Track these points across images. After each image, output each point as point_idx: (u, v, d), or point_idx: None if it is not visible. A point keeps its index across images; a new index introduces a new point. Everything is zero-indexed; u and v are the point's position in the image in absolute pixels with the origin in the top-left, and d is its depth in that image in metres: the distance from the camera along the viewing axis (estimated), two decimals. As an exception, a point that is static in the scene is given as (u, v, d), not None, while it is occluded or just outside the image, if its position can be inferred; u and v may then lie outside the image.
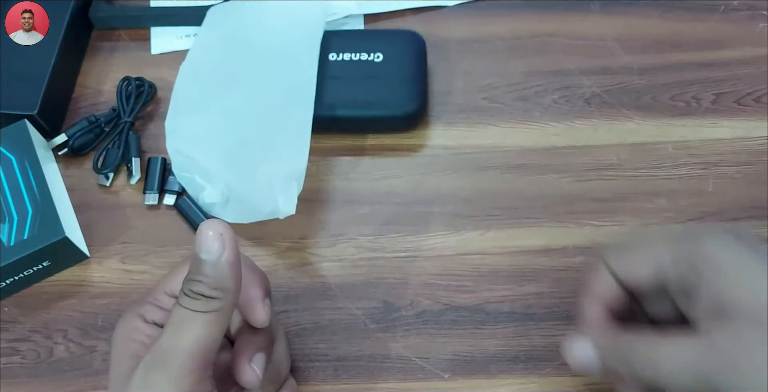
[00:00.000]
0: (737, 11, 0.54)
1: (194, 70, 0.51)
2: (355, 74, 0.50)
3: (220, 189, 0.47)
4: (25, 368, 0.45)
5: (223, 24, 0.52)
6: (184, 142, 0.48)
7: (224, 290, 0.33)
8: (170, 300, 0.37)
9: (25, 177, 0.46)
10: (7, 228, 0.44)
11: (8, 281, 0.45)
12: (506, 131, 0.50)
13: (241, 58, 0.51)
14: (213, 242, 0.32)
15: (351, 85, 0.49)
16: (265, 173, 0.46)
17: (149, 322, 0.37)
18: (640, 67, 0.52)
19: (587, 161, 0.49)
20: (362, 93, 0.49)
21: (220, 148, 0.48)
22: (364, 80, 0.49)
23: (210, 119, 0.49)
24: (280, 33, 0.51)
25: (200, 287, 0.32)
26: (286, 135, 0.47)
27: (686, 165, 0.49)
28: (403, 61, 0.50)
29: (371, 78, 0.49)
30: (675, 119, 0.50)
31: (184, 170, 0.48)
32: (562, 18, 0.54)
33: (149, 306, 0.38)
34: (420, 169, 0.49)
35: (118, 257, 0.47)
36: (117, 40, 0.55)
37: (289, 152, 0.47)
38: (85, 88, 0.53)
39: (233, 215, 0.47)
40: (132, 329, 0.37)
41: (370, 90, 0.49)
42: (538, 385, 0.43)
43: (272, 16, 0.52)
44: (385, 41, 0.51)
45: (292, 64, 0.50)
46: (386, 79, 0.49)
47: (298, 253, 0.47)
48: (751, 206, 0.47)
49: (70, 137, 0.50)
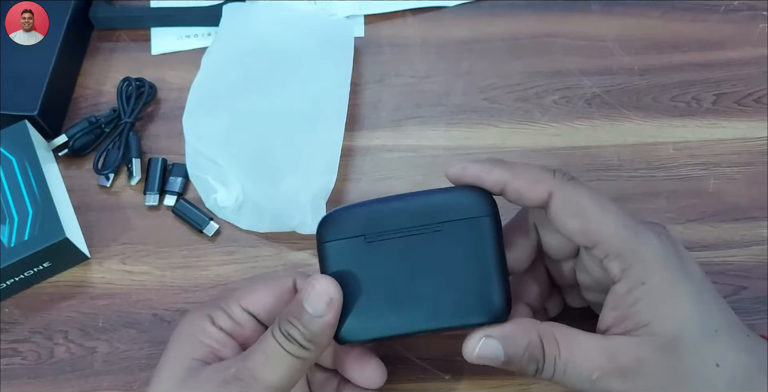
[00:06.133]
0: (737, 12, 0.54)
1: (216, 68, 0.51)
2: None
3: (234, 194, 0.47)
4: (26, 369, 0.45)
5: (246, 25, 0.52)
6: (202, 141, 0.48)
7: (316, 345, 0.35)
8: (242, 313, 0.38)
9: (25, 178, 0.46)
10: (7, 229, 0.44)
11: (9, 282, 0.45)
12: (506, 132, 0.50)
13: (266, 63, 0.51)
14: (320, 302, 0.34)
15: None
16: (290, 185, 0.47)
17: (218, 327, 0.38)
18: (641, 68, 0.52)
19: (588, 161, 0.49)
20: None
21: (240, 152, 0.48)
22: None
23: (231, 120, 0.49)
24: (308, 46, 0.51)
25: (295, 334, 0.34)
26: (314, 151, 0.48)
27: (686, 166, 0.49)
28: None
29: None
30: (675, 119, 0.50)
31: (198, 169, 0.48)
32: (562, 18, 0.54)
33: (221, 312, 0.38)
34: (420, 170, 0.49)
35: (118, 258, 0.47)
36: (117, 40, 0.55)
37: (318, 169, 0.47)
38: (86, 88, 0.53)
39: (247, 222, 0.47)
40: (200, 329, 0.38)
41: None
42: (539, 386, 0.43)
43: (299, 27, 0.52)
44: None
45: (322, 79, 0.50)
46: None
47: (298, 253, 0.47)
48: (751, 207, 0.47)
49: (71, 138, 0.50)
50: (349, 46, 0.51)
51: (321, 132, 0.48)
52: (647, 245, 0.35)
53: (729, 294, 0.45)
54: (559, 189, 0.35)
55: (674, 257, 0.35)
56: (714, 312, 0.35)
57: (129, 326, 0.46)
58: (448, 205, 0.36)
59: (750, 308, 0.45)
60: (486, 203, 0.36)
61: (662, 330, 0.34)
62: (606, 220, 0.35)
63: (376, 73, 0.53)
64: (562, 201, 0.35)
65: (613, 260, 0.35)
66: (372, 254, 0.36)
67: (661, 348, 0.34)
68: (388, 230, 0.36)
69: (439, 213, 0.36)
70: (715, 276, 0.45)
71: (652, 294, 0.34)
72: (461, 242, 0.36)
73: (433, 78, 0.52)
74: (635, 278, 0.34)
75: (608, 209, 0.35)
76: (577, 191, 0.35)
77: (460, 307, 0.35)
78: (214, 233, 0.48)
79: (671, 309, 0.34)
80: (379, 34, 0.54)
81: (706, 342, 0.34)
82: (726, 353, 0.34)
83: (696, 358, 0.34)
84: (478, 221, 0.36)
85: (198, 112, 0.49)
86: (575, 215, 0.35)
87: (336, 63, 0.51)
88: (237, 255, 0.47)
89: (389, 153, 0.50)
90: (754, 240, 0.46)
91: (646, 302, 0.34)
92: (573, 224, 0.35)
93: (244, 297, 0.39)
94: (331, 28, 0.52)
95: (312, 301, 0.34)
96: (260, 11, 0.53)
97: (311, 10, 0.55)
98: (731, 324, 0.35)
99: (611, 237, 0.34)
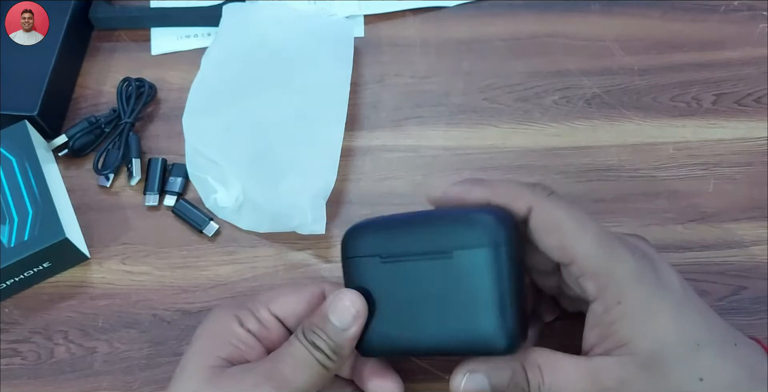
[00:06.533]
0: (737, 12, 0.54)
1: (216, 68, 0.51)
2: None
3: (234, 194, 0.47)
4: (26, 369, 0.45)
5: (246, 25, 0.52)
6: (202, 141, 0.48)
7: (339, 356, 0.36)
8: (270, 317, 0.39)
9: (25, 178, 0.46)
10: (7, 229, 0.44)
11: (9, 282, 0.45)
12: (506, 132, 0.50)
13: (266, 63, 0.51)
14: (347, 315, 0.35)
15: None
16: (290, 185, 0.47)
17: (245, 329, 0.38)
18: (641, 68, 0.52)
19: (588, 161, 0.49)
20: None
21: (239, 152, 0.48)
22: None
23: (230, 120, 0.49)
24: (308, 46, 0.51)
25: (321, 344, 0.35)
26: (314, 151, 0.48)
27: (686, 166, 0.49)
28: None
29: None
30: (675, 119, 0.50)
31: (198, 169, 0.48)
32: (562, 18, 0.54)
33: (248, 312, 0.39)
34: (421, 170, 0.49)
35: (118, 258, 0.47)
36: (117, 40, 0.55)
37: (318, 170, 0.47)
38: (86, 88, 0.53)
39: (247, 222, 0.47)
40: (227, 329, 0.38)
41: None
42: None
43: (299, 27, 0.52)
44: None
45: (322, 79, 0.50)
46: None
47: (298, 254, 0.47)
48: (752, 207, 0.47)
49: (71, 138, 0.50)
50: (349, 46, 0.51)
51: (321, 132, 0.48)
52: (621, 264, 0.34)
53: (729, 294, 0.45)
54: (538, 205, 0.35)
55: (650, 274, 0.35)
56: (695, 324, 0.35)
57: (129, 326, 0.46)
58: (461, 231, 0.35)
59: (750, 308, 0.45)
60: (498, 231, 0.35)
61: (642, 348, 0.34)
62: (582, 237, 0.35)
63: (376, 73, 0.53)
64: (540, 217, 0.35)
65: (589, 280, 0.35)
66: (389, 274, 0.36)
67: (642, 367, 0.34)
68: (401, 253, 0.36)
69: (451, 240, 0.35)
70: (715, 276, 0.45)
71: (628, 312, 0.34)
72: (472, 272, 0.35)
73: (432, 78, 0.52)
74: (611, 297, 0.34)
75: (585, 225, 0.35)
76: (556, 206, 0.35)
77: (469, 336, 0.35)
78: (214, 233, 0.48)
79: (649, 326, 0.34)
80: (379, 34, 0.54)
81: (688, 357, 0.34)
82: (710, 366, 0.34)
83: (678, 374, 0.34)
84: (489, 251, 0.35)
85: (198, 112, 0.49)
86: (553, 231, 0.35)
87: (336, 63, 0.51)
88: (237, 255, 0.47)
89: (389, 153, 0.50)
90: (754, 240, 0.46)
91: (624, 321, 0.34)
92: (550, 241, 0.35)
93: (272, 301, 0.39)
94: (331, 28, 0.52)
95: (339, 314, 0.35)
96: (260, 11, 0.53)
97: (311, 10, 0.55)
98: (716, 336, 0.35)
99: (586, 257, 0.34)
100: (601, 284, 0.34)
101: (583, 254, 0.34)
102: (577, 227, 0.35)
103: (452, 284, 0.35)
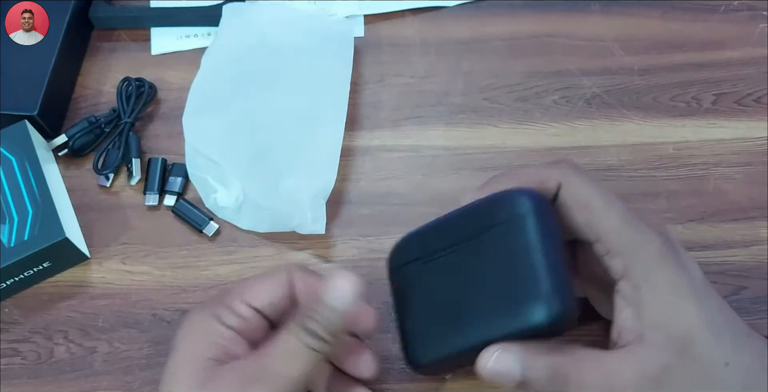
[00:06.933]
0: (737, 12, 0.54)
1: (216, 68, 0.51)
2: None
3: (234, 194, 0.47)
4: (26, 369, 0.45)
5: (245, 25, 0.52)
6: (202, 141, 0.48)
7: (336, 337, 0.35)
8: (247, 309, 0.38)
9: (25, 178, 0.46)
10: (7, 229, 0.44)
11: (8, 282, 0.45)
12: (506, 132, 0.50)
13: (266, 63, 0.51)
14: (342, 294, 0.34)
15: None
16: (290, 185, 0.47)
17: (226, 326, 0.38)
18: (641, 68, 0.52)
19: (588, 161, 0.49)
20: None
21: (239, 152, 0.48)
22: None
23: (230, 120, 0.49)
24: (308, 46, 0.51)
25: (317, 327, 0.34)
26: (314, 151, 0.48)
27: (686, 166, 0.49)
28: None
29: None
30: (675, 119, 0.50)
31: (198, 169, 0.48)
32: (562, 18, 0.54)
33: (225, 309, 0.38)
34: (421, 170, 0.49)
35: (118, 258, 0.47)
36: (117, 40, 0.55)
37: (318, 169, 0.47)
38: (85, 88, 0.53)
39: (247, 222, 0.47)
40: (209, 329, 0.37)
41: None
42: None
43: (299, 27, 0.52)
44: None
45: (321, 79, 0.50)
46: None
47: (298, 254, 0.47)
48: (752, 207, 0.47)
49: (71, 138, 0.50)
50: (349, 46, 0.51)
51: (321, 132, 0.48)
52: (648, 244, 0.34)
53: (729, 294, 0.45)
54: (566, 180, 0.36)
55: (675, 258, 0.35)
56: (717, 311, 0.35)
57: (129, 326, 0.46)
58: (489, 211, 0.36)
59: (750, 308, 0.45)
60: (523, 202, 0.35)
61: (676, 331, 0.33)
62: (609, 214, 0.35)
63: (376, 73, 0.53)
64: (568, 193, 0.35)
65: (615, 258, 0.35)
66: (431, 274, 0.36)
67: (679, 352, 0.33)
68: (440, 248, 0.36)
69: (481, 221, 0.35)
70: (715, 276, 0.45)
71: (658, 292, 0.34)
72: (506, 245, 0.34)
73: (432, 78, 0.52)
74: (638, 276, 0.34)
75: (612, 203, 0.35)
76: (584, 182, 0.36)
77: (516, 313, 0.33)
78: (214, 233, 0.48)
79: (680, 309, 0.34)
80: (379, 34, 0.54)
81: (715, 342, 0.34)
82: (732, 352, 0.34)
83: (708, 358, 0.33)
84: (517, 220, 0.34)
85: (198, 112, 0.49)
86: (581, 208, 0.35)
87: (336, 63, 0.51)
88: (237, 255, 0.47)
89: (389, 153, 0.50)
90: (754, 240, 0.46)
91: (655, 302, 0.34)
92: (579, 217, 0.35)
93: (246, 291, 0.38)
94: (331, 28, 0.52)
95: (335, 294, 0.35)
96: (260, 11, 0.53)
97: (311, 10, 0.55)
98: (733, 325, 0.35)
99: (614, 233, 0.34)
100: (627, 261, 0.34)
101: (609, 230, 0.34)
102: (605, 204, 0.35)
103: (492, 262, 0.35)
